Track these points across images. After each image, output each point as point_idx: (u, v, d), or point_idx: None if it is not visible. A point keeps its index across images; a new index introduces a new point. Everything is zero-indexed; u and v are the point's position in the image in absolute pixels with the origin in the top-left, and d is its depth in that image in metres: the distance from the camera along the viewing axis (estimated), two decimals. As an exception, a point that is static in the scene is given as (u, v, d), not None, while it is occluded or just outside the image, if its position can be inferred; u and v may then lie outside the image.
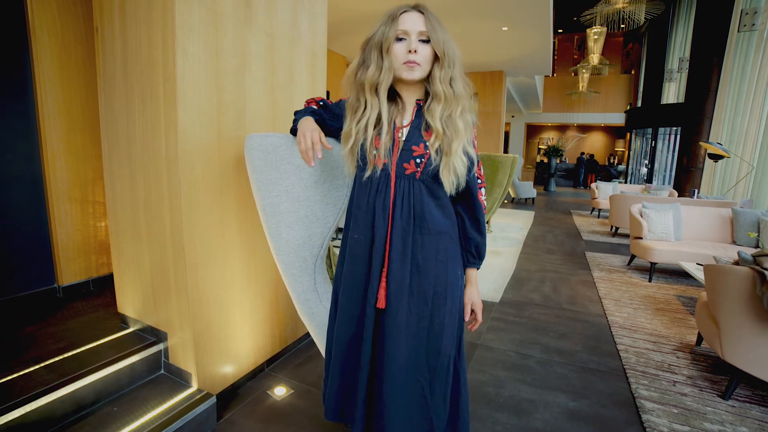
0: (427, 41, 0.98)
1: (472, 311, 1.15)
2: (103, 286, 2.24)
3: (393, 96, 1.06)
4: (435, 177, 1.02)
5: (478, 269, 1.15)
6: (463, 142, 1.01)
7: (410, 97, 1.06)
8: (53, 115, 2.01)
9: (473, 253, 1.12)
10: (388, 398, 1.04)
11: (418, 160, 1.02)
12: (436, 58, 1.00)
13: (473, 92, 1.05)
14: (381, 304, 1.05)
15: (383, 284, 1.05)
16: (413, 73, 0.99)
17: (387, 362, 1.04)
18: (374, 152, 1.03)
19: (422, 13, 0.98)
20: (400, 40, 0.98)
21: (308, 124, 1.09)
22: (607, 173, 14.55)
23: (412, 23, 0.97)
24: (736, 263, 1.93)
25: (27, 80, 1.93)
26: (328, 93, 6.72)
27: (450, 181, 1.00)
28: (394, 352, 1.04)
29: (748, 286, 1.73)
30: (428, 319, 1.06)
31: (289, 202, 1.27)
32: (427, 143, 1.02)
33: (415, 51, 0.97)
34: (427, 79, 1.03)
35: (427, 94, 1.05)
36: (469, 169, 1.04)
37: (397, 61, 0.98)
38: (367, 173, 1.04)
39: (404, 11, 0.98)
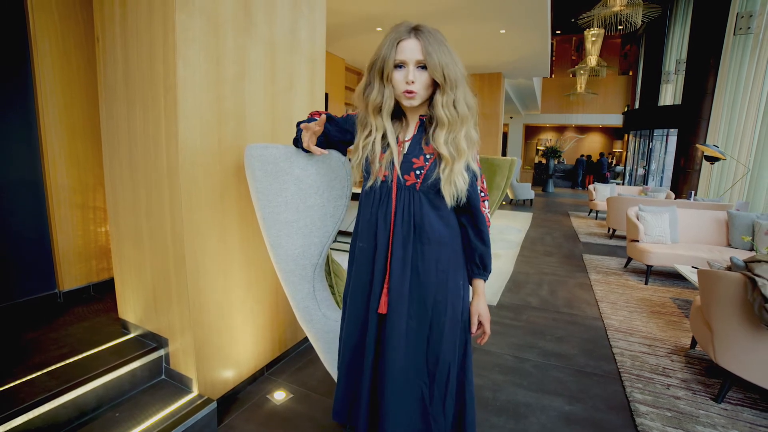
0: (426, 68, 1.00)
1: (480, 323, 1.16)
2: (104, 292, 2.26)
3: (398, 114, 1.11)
4: (435, 188, 1.05)
5: (485, 281, 1.16)
6: (466, 160, 1.04)
7: (414, 115, 1.11)
8: (54, 122, 2.03)
9: (478, 264, 1.14)
10: (388, 403, 1.08)
11: (417, 172, 1.05)
12: (436, 82, 1.01)
13: (477, 108, 1.09)
14: (382, 309, 1.08)
15: (385, 290, 1.08)
16: (412, 102, 1.03)
17: (387, 367, 1.08)
18: (377, 165, 1.07)
19: (420, 39, 0.99)
20: (399, 67, 1.01)
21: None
22: (602, 175, 14.59)
23: (409, 52, 0.99)
24: (729, 269, 1.96)
25: (28, 86, 1.95)
26: (327, 95, 6.76)
27: (450, 194, 1.03)
28: (394, 356, 1.08)
29: (740, 291, 1.76)
30: (428, 326, 1.10)
31: (289, 212, 1.29)
32: (427, 156, 1.06)
33: (413, 81, 0.99)
34: (430, 101, 1.06)
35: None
36: (471, 183, 1.06)
37: (398, 89, 1.02)
38: (369, 183, 1.10)
39: (402, 39, 0.99)
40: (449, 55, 0.99)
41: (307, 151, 1.28)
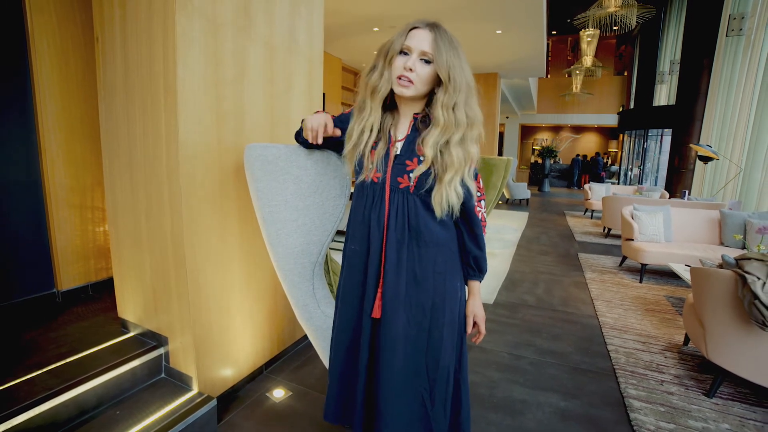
0: (430, 62, 0.97)
1: (475, 323, 1.15)
2: (102, 291, 2.26)
3: (393, 107, 1.08)
4: (429, 192, 1.02)
5: (480, 281, 1.15)
6: (461, 174, 1.00)
7: (408, 111, 1.07)
8: (53, 123, 2.03)
9: (472, 266, 1.12)
10: (384, 404, 1.06)
11: (411, 175, 1.02)
12: (440, 81, 0.98)
13: (480, 123, 1.03)
14: (376, 314, 1.06)
15: (379, 294, 1.06)
16: (404, 90, 0.99)
17: (383, 370, 1.06)
18: (370, 165, 1.05)
19: (433, 33, 0.97)
20: (404, 54, 0.98)
21: (320, 114, 1.15)
22: (598, 174, 14.69)
23: (418, 41, 0.97)
24: (721, 266, 2.00)
25: (26, 88, 1.95)
26: (324, 95, 6.77)
27: (441, 207, 1.00)
28: (390, 360, 1.05)
29: (731, 288, 1.79)
30: (427, 330, 1.07)
31: (288, 211, 1.31)
32: (420, 158, 1.02)
33: (411, 69, 0.96)
34: (429, 100, 1.04)
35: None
36: (465, 202, 1.03)
37: (393, 74, 0.99)
38: (361, 177, 1.08)
39: (416, 27, 0.98)
40: (458, 59, 0.97)
41: (307, 147, 1.29)
